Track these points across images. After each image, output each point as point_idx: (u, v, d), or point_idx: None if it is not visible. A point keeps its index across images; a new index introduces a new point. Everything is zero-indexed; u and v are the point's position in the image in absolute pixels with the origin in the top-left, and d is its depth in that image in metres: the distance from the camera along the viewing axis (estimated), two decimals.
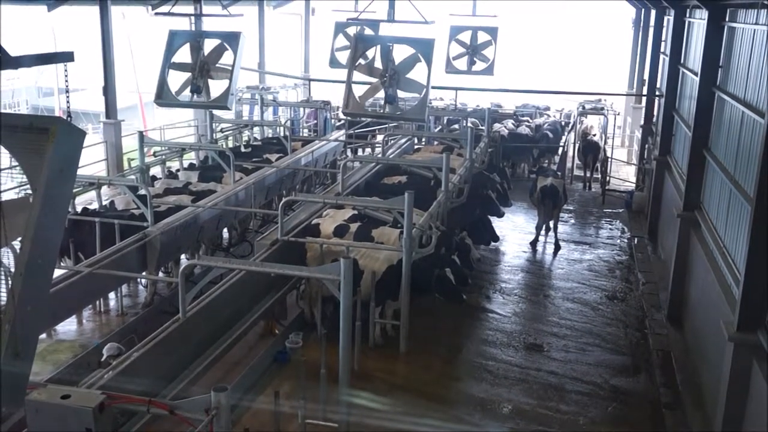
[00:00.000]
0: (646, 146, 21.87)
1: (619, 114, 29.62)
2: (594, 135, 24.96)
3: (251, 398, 9.80)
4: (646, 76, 23.16)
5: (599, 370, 11.46)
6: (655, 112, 21.40)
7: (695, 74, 13.80)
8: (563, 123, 28.10)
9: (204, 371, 8.89)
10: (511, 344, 12.27)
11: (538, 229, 17.69)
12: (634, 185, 23.00)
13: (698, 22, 15.15)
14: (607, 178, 22.99)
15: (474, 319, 13.16)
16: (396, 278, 11.32)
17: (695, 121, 13.07)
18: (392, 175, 16.70)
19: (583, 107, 27.03)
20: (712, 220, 11.83)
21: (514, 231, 18.54)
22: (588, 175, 23.81)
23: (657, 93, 21.07)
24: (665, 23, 20.77)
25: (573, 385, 10.98)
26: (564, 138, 25.89)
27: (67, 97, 6.18)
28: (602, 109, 26.96)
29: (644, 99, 23.40)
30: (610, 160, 24.09)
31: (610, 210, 21.08)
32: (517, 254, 16.98)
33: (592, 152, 23.41)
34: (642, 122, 22.84)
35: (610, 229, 19.41)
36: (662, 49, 20.88)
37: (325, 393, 8.91)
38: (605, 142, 25.06)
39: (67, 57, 5.15)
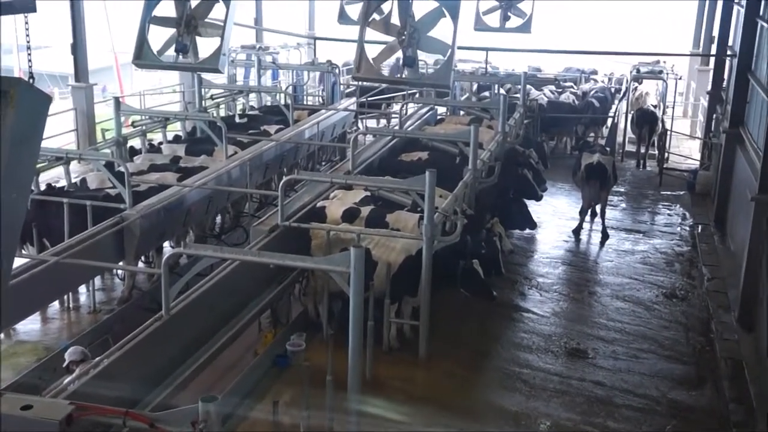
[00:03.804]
0: (714, 116, 21.67)
1: (681, 78, 29.40)
2: (650, 104, 24.75)
3: (247, 407, 9.85)
4: (715, 32, 22.89)
5: (655, 381, 11.40)
6: (726, 76, 21.17)
7: None
8: (614, 90, 27.90)
9: (192, 377, 8.93)
10: (549, 349, 12.24)
11: (583, 214, 17.61)
12: (698, 163, 22.83)
13: None
14: (666, 154, 22.82)
15: (506, 320, 13.15)
16: (415, 271, 11.30)
17: None
18: (411, 150, 16.66)
19: (638, 71, 26.84)
20: None
21: (554, 216, 18.48)
22: (643, 151, 23.66)
23: (729, 52, 20.82)
24: None
25: (623, 398, 10.93)
26: (614, 107, 25.70)
27: (29, 55, 6.15)
28: (660, 72, 26.75)
29: (712, 60, 23.18)
30: (669, 133, 23.90)
31: (668, 192, 20.96)
32: (558, 244, 16.94)
33: (647, 124, 23.23)
34: (709, 88, 22.63)
35: (669, 215, 19.30)
36: None
37: (332, 402, 8.93)
38: (664, 112, 24.87)
39: (27, 7, 5.14)
